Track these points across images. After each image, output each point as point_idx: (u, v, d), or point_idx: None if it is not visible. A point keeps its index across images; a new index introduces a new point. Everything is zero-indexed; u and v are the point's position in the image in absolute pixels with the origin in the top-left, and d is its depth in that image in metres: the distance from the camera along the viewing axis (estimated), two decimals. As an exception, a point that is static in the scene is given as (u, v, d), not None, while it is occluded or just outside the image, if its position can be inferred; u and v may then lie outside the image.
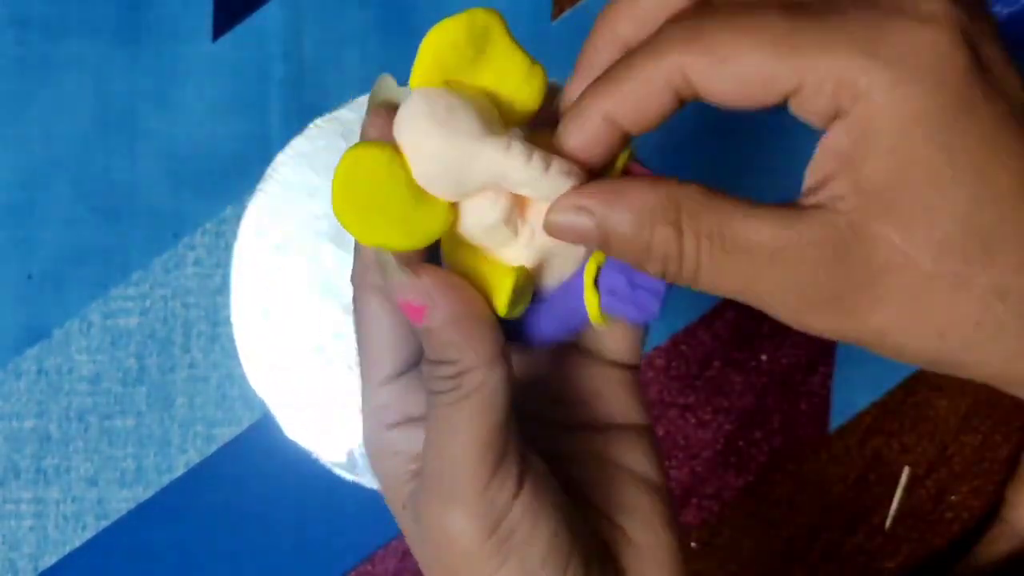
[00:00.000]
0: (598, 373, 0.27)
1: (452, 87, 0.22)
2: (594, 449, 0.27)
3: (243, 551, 0.50)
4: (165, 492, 0.50)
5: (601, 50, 0.25)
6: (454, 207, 0.23)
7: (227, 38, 0.50)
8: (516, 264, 0.23)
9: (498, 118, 0.23)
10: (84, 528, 0.50)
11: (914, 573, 0.53)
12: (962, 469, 0.53)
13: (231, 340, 0.50)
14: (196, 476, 0.50)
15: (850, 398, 0.52)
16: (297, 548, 0.50)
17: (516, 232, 0.23)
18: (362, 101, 0.50)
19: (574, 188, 0.22)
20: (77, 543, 0.50)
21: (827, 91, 0.21)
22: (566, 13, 0.51)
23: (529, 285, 0.24)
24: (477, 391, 0.22)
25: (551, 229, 0.22)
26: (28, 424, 0.50)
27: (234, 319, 0.49)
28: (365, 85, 0.52)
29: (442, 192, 0.22)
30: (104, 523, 0.50)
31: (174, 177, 0.50)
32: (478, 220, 0.22)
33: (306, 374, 0.49)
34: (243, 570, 0.50)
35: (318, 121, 0.50)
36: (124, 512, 0.50)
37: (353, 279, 0.26)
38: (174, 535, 0.50)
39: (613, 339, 0.27)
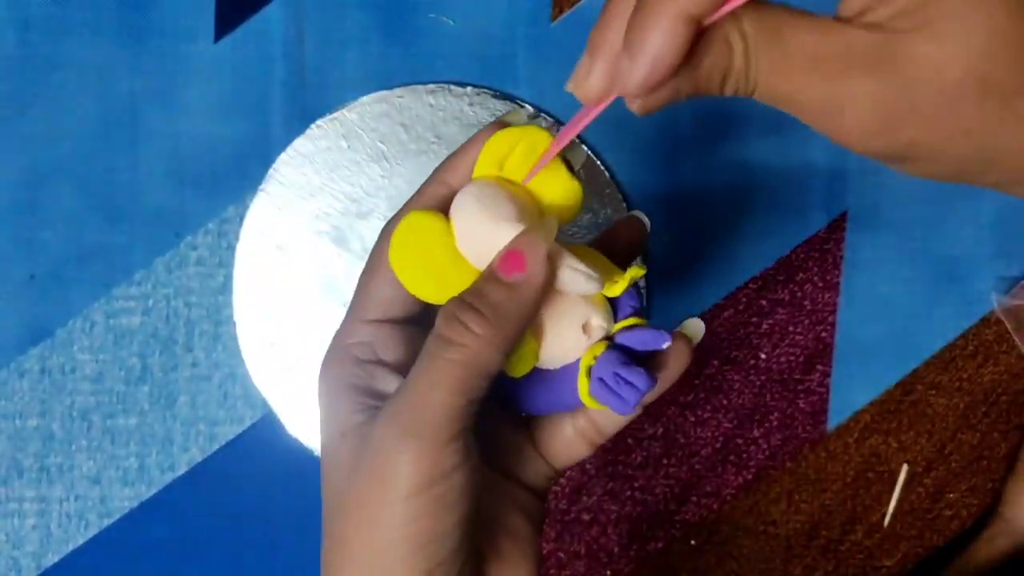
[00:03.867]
0: (533, 461, 0.31)
1: (503, 183, 0.27)
2: (500, 484, 0.30)
3: (245, 549, 0.50)
4: (167, 490, 0.50)
5: None
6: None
7: (229, 39, 0.50)
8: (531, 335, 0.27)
9: (537, 214, 0.27)
10: (87, 526, 0.50)
11: (912, 570, 0.53)
12: (960, 467, 0.53)
13: (233, 339, 0.50)
14: (198, 474, 0.50)
15: (848, 396, 0.52)
16: (299, 546, 0.50)
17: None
18: (363, 101, 0.50)
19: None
20: (80, 541, 0.50)
21: None
22: (566, 14, 0.51)
23: (533, 355, 0.27)
24: (478, 365, 0.25)
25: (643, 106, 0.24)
26: (31, 423, 0.50)
27: (236, 318, 0.50)
28: (366, 86, 0.52)
29: (478, 262, 0.26)
30: (107, 521, 0.50)
31: (176, 177, 0.50)
32: None
33: (308, 372, 0.49)
34: (245, 568, 0.50)
35: (319, 122, 0.50)
36: (126, 510, 0.50)
37: (389, 225, 0.28)
38: (176, 533, 0.50)
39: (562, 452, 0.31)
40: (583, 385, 0.27)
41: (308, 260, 0.49)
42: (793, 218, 0.52)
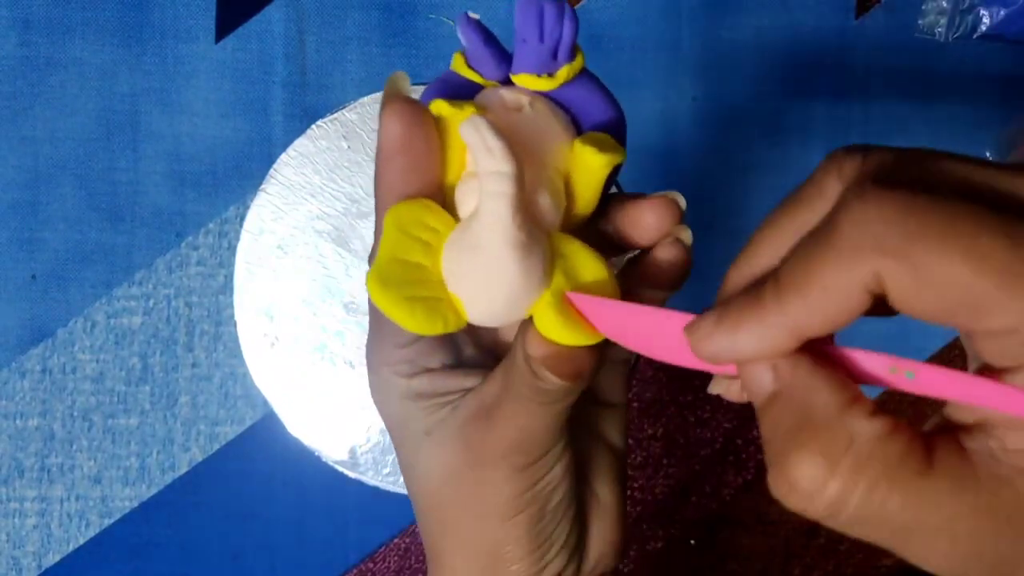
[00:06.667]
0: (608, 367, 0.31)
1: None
2: (590, 423, 0.31)
3: (246, 549, 0.50)
4: (168, 490, 0.50)
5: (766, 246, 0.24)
6: None
7: (230, 40, 0.51)
8: None
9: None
10: (88, 526, 0.50)
11: (911, 570, 0.53)
12: (959, 467, 0.53)
13: (234, 339, 0.50)
14: (199, 474, 0.50)
15: (848, 396, 0.52)
16: (299, 545, 0.50)
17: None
18: (364, 102, 0.50)
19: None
20: (81, 541, 0.50)
21: None
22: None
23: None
24: (562, 401, 0.27)
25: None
26: (32, 423, 0.50)
27: (237, 318, 0.50)
28: (366, 86, 0.52)
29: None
30: (108, 521, 0.50)
31: (177, 178, 0.50)
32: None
33: (308, 373, 0.49)
34: (245, 567, 0.50)
35: (320, 122, 0.50)
36: (127, 510, 0.50)
37: (372, 255, 0.28)
38: (177, 533, 0.50)
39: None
40: None
41: (308, 260, 0.49)
42: (793, 218, 0.52)
